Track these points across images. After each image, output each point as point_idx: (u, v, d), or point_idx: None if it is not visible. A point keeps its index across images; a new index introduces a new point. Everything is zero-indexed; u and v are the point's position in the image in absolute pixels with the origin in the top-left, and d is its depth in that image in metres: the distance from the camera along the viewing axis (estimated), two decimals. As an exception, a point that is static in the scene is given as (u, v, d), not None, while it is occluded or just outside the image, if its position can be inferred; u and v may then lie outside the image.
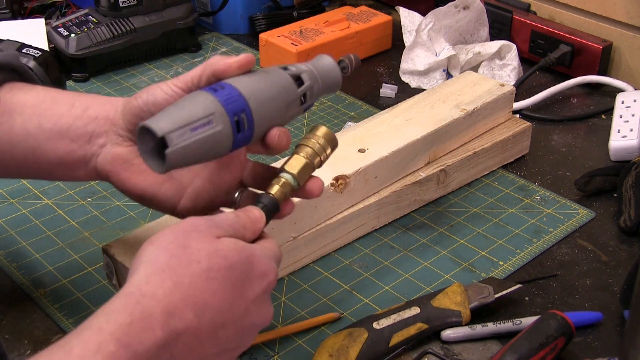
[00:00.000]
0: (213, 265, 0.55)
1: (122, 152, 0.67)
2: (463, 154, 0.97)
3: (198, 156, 0.60)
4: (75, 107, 0.69)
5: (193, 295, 0.54)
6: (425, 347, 0.76)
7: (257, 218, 0.62)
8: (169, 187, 0.67)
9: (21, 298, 0.82)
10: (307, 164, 0.67)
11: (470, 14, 1.23)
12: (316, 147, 0.68)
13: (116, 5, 1.23)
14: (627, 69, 1.21)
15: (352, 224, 0.88)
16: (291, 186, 0.66)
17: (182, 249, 0.55)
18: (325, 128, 0.69)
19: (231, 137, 0.61)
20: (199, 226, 0.57)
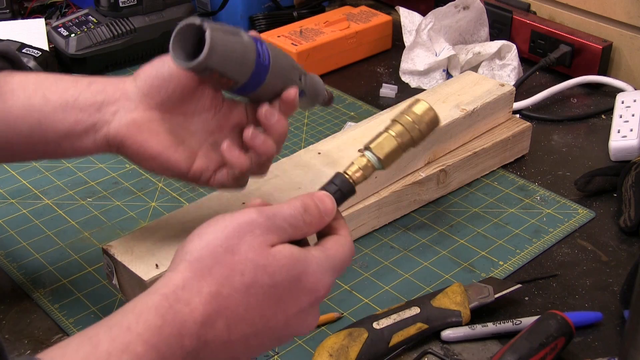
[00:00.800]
0: (257, 281, 0.53)
1: (137, 117, 0.68)
2: (463, 154, 0.97)
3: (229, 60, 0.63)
4: (79, 83, 0.70)
5: (229, 307, 0.53)
6: (425, 347, 0.76)
7: (328, 211, 0.58)
8: (182, 150, 0.69)
9: (21, 298, 0.82)
10: (397, 144, 0.62)
11: (470, 14, 1.23)
12: (408, 124, 0.63)
13: (116, 5, 1.24)
14: (627, 69, 1.21)
15: (352, 224, 0.88)
16: (374, 169, 0.61)
17: (230, 254, 0.53)
18: (422, 101, 0.63)
19: (254, 57, 0.65)
20: (255, 228, 0.54)
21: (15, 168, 1.02)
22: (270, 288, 0.54)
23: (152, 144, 0.68)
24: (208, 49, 0.62)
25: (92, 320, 0.79)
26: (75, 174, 1.01)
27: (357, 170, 0.61)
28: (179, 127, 0.70)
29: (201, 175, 0.71)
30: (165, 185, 0.99)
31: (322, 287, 0.56)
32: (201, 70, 0.64)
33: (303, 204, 0.57)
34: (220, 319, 0.52)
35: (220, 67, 0.64)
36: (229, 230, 0.54)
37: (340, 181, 0.60)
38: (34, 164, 1.02)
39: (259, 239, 0.54)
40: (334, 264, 0.57)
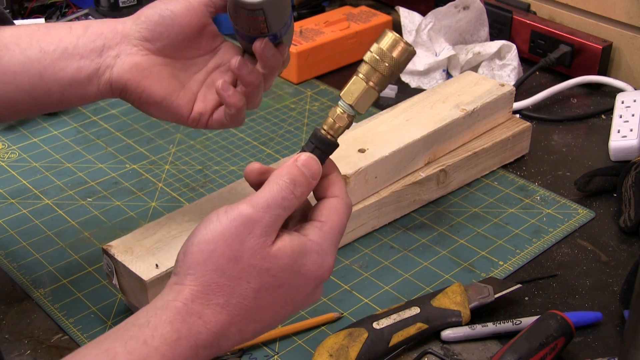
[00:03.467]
0: (263, 284, 0.54)
1: (139, 60, 0.68)
2: (463, 154, 0.97)
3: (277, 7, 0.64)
4: (74, 29, 0.69)
5: (239, 314, 0.54)
6: (425, 347, 0.76)
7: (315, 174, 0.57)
8: (183, 95, 0.69)
9: (21, 298, 0.82)
10: (367, 87, 0.60)
11: (470, 14, 1.23)
12: (374, 62, 0.60)
13: (116, 5, 1.24)
14: (627, 69, 1.21)
15: (352, 224, 0.88)
16: (348, 117, 0.60)
17: (233, 263, 0.53)
18: (390, 32, 0.60)
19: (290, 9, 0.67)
20: (253, 227, 0.53)
21: (15, 168, 1.02)
22: (277, 288, 0.55)
23: (155, 89, 0.68)
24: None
25: (92, 320, 0.79)
26: (75, 174, 1.01)
27: (332, 123, 0.60)
28: (180, 71, 0.70)
29: (200, 118, 0.71)
30: (165, 185, 0.99)
31: (326, 270, 0.57)
32: (255, 10, 0.63)
33: (291, 178, 0.55)
34: (233, 325, 0.54)
35: (269, 12, 0.64)
36: (227, 236, 0.53)
37: (318, 138, 0.59)
38: (34, 164, 1.02)
39: (260, 240, 0.54)
40: (333, 239, 0.57)
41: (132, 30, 0.68)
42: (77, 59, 0.67)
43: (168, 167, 1.02)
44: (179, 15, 0.67)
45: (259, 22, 0.66)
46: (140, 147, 1.06)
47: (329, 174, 0.59)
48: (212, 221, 0.54)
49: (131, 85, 0.68)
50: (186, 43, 0.69)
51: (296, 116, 1.14)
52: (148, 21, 0.68)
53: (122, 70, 0.68)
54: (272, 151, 1.05)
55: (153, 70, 0.68)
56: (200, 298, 0.53)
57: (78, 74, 0.68)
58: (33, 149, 1.06)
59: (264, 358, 0.75)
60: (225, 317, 0.53)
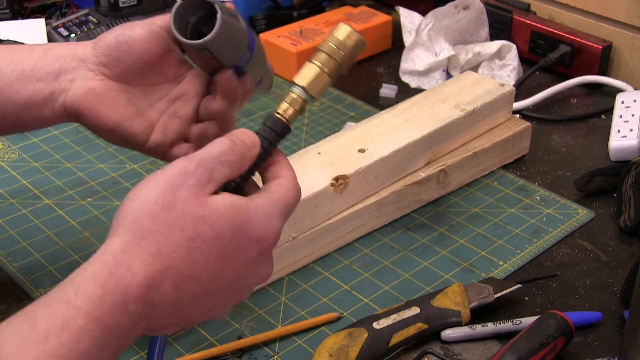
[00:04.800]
0: (198, 234, 0.51)
1: (94, 85, 0.66)
2: (463, 154, 0.97)
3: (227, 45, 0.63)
4: (34, 51, 0.68)
5: (173, 265, 0.51)
6: (425, 347, 0.76)
7: (254, 142, 0.57)
8: (140, 122, 0.67)
9: (21, 298, 0.82)
10: (321, 71, 0.61)
11: (470, 14, 1.23)
12: (331, 50, 0.61)
13: (116, 5, 1.24)
14: (627, 69, 1.21)
15: (352, 224, 0.88)
16: (302, 101, 0.61)
17: (167, 210, 0.51)
18: (344, 25, 0.62)
19: (247, 44, 0.64)
20: (187, 178, 0.52)
21: (15, 168, 1.02)
22: (213, 240, 0.52)
23: (109, 115, 0.66)
24: (216, 33, 0.61)
25: (92, 320, 0.79)
26: (75, 174, 1.01)
27: (286, 107, 0.60)
28: (138, 97, 0.68)
29: (157, 149, 0.69)
30: (165, 185, 0.99)
31: (270, 234, 0.55)
32: (199, 49, 0.63)
33: (230, 138, 0.55)
34: (165, 279, 0.50)
35: (217, 51, 0.63)
36: (162, 186, 0.52)
37: (272, 121, 0.60)
38: (34, 164, 1.02)
39: (193, 189, 0.52)
40: (281, 208, 0.56)
41: (90, 55, 0.67)
42: (33, 82, 0.66)
43: (168, 167, 1.02)
44: (138, 41, 0.65)
45: (210, 60, 0.65)
46: (140, 147, 1.06)
47: (279, 161, 0.59)
48: (147, 178, 0.53)
49: (84, 110, 0.66)
50: (146, 70, 0.67)
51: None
52: (105, 46, 0.66)
53: (75, 95, 0.66)
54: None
55: (108, 95, 0.66)
56: (131, 248, 0.50)
57: (33, 96, 0.66)
58: (33, 149, 1.06)
59: (264, 358, 0.75)
60: (157, 268, 0.50)
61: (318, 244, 0.86)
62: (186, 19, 0.64)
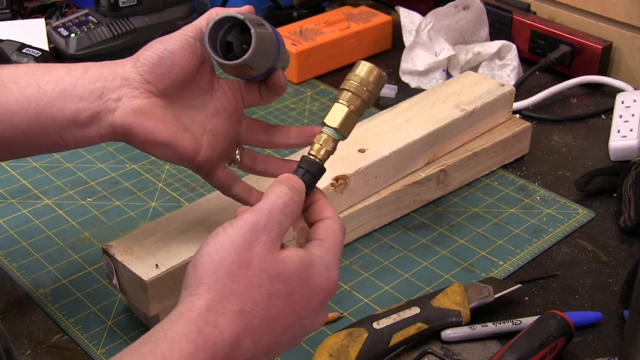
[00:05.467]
0: (274, 291, 0.54)
1: (142, 104, 0.67)
2: (463, 154, 0.97)
3: (261, 55, 0.64)
4: (73, 70, 0.68)
5: (253, 322, 0.54)
6: (425, 347, 0.76)
7: (301, 188, 0.59)
8: (188, 137, 0.68)
9: (21, 298, 0.82)
10: (350, 110, 0.64)
11: (470, 14, 1.23)
12: (355, 88, 0.64)
13: (116, 5, 1.24)
14: (627, 69, 1.21)
15: (352, 224, 0.88)
16: (334, 141, 0.63)
17: (244, 269, 0.54)
18: (364, 62, 0.65)
19: (275, 44, 0.65)
20: (260, 235, 0.55)
21: (15, 168, 1.02)
22: (287, 296, 0.55)
23: (161, 131, 0.67)
24: (254, 49, 0.63)
25: (92, 320, 0.79)
26: (75, 174, 1.01)
27: (319, 147, 0.63)
28: (180, 113, 0.69)
29: (205, 164, 0.70)
30: (165, 185, 0.99)
31: (332, 285, 0.58)
32: (238, 66, 0.64)
33: (287, 186, 0.58)
34: (247, 335, 0.53)
35: (254, 63, 0.65)
36: (236, 244, 0.54)
37: (307, 163, 0.62)
38: (34, 164, 1.02)
39: (267, 245, 0.55)
40: (336, 255, 0.59)
41: (132, 73, 0.67)
42: (75, 101, 0.66)
43: (168, 167, 1.02)
44: (177, 54, 0.67)
45: (247, 71, 0.67)
46: (140, 147, 1.06)
47: (318, 200, 0.62)
48: (218, 233, 0.55)
49: (136, 128, 0.66)
50: (186, 82, 0.68)
51: (296, 116, 1.14)
52: (148, 63, 0.67)
53: (125, 114, 0.66)
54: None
55: (156, 112, 0.67)
56: (215, 307, 0.53)
57: (77, 116, 0.66)
58: (33, 149, 1.06)
59: (264, 358, 0.75)
60: (240, 325, 0.53)
61: (318, 244, 0.86)
62: (215, 36, 0.66)
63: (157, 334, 0.52)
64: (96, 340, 0.77)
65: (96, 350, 0.76)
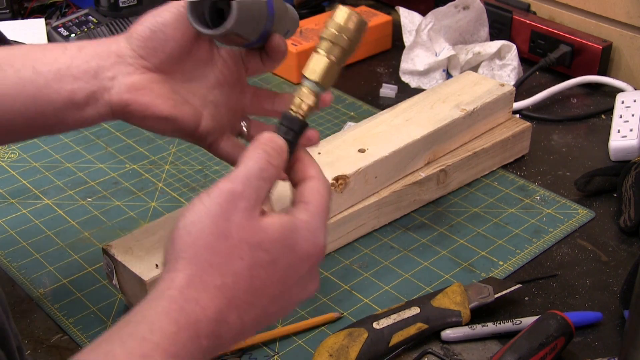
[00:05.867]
0: (256, 261, 0.52)
1: (138, 80, 0.66)
2: (463, 154, 0.97)
3: (248, 22, 0.62)
4: (68, 49, 0.67)
5: (237, 297, 0.51)
6: (425, 347, 0.76)
7: (282, 147, 0.56)
8: (188, 109, 0.67)
9: (21, 298, 0.82)
10: (330, 61, 0.59)
11: (470, 14, 1.23)
12: (334, 37, 0.59)
13: (116, 5, 1.23)
14: (627, 69, 1.21)
15: (352, 224, 0.88)
16: (315, 94, 0.59)
17: (223, 240, 0.51)
18: (342, 7, 0.60)
19: (266, 14, 0.64)
20: (238, 202, 0.52)
21: (15, 168, 1.02)
22: (270, 265, 0.53)
23: (159, 106, 0.66)
24: (236, 16, 0.61)
25: (92, 320, 0.79)
26: (75, 174, 1.01)
27: (300, 102, 0.59)
28: (179, 86, 0.67)
29: (207, 136, 0.69)
30: (165, 185, 0.99)
31: (319, 250, 0.55)
32: (222, 35, 0.63)
33: (264, 149, 0.55)
34: (231, 311, 0.51)
35: (240, 30, 0.63)
36: (213, 214, 0.51)
37: (288, 119, 0.59)
38: (34, 164, 1.02)
39: (245, 213, 0.52)
40: (322, 219, 0.56)
41: (125, 49, 0.66)
42: (70, 81, 0.65)
43: (168, 167, 1.02)
44: (171, 27, 0.65)
45: (237, 39, 0.65)
46: (140, 147, 1.06)
47: (302, 158, 0.59)
48: (194, 204, 0.52)
49: (133, 105, 0.65)
50: (182, 55, 0.67)
51: (296, 116, 1.14)
52: (140, 37, 0.65)
53: (121, 91, 0.65)
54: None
55: (153, 87, 0.66)
56: (195, 282, 0.50)
57: (73, 96, 0.65)
58: (33, 149, 1.06)
59: (264, 358, 0.75)
60: (223, 300, 0.51)
61: (318, 244, 0.86)
62: (202, 5, 0.64)
63: (137, 315, 0.50)
64: (96, 340, 0.77)
65: (96, 350, 0.76)
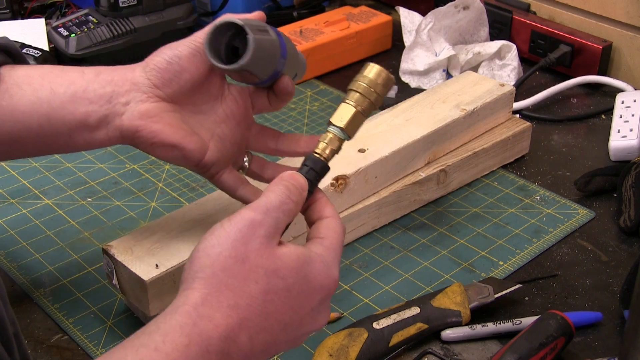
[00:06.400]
0: (271, 287, 0.54)
1: (150, 107, 0.68)
2: (463, 154, 0.97)
3: (261, 60, 0.65)
4: (86, 74, 0.69)
5: (249, 318, 0.53)
6: (425, 347, 0.76)
7: (303, 185, 0.59)
8: (195, 140, 0.69)
9: (21, 298, 0.82)
10: (357, 111, 0.63)
11: (470, 14, 1.23)
12: (363, 89, 0.63)
13: (116, 5, 1.23)
14: (627, 69, 1.21)
15: (352, 224, 0.88)
16: (340, 140, 0.63)
17: (240, 264, 0.53)
18: (373, 64, 0.64)
19: (279, 54, 0.68)
20: (257, 229, 0.54)
21: (15, 168, 1.02)
22: (285, 292, 0.54)
23: (168, 134, 0.68)
24: (252, 54, 0.64)
25: (92, 320, 0.79)
26: (75, 174, 1.01)
27: (324, 146, 0.62)
28: (189, 117, 0.70)
29: (211, 168, 0.71)
30: (165, 185, 0.99)
31: (332, 283, 0.57)
32: (236, 71, 0.66)
33: (285, 185, 0.57)
34: (242, 331, 0.53)
35: (253, 68, 0.65)
36: (233, 238, 0.54)
37: (311, 160, 0.62)
38: (34, 164, 1.02)
39: (264, 240, 0.54)
40: (336, 254, 0.58)
41: (141, 78, 0.69)
42: (86, 104, 0.68)
43: (168, 167, 1.02)
44: (186, 60, 0.68)
45: (249, 77, 0.68)
46: (140, 147, 1.06)
47: (319, 199, 0.61)
48: (216, 228, 0.55)
49: (142, 131, 0.68)
50: (195, 88, 0.69)
51: (296, 116, 1.14)
52: (157, 68, 0.68)
53: (132, 117, 0.68)
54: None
55: (164, 116, 0.68)
56: (210, 301, 0.52)
57: (86, 118, 0.68)
58: (33, 149, 1.06)
59: (264, 358, 0.75)
60: (235, 319, 0.52)
61: (318, 244, 0.86)
62: (218, 41, 0.67)
63: (151, 326, 0.52)
64: (96, 340, 0.77)
65: (96, 350, 0.76)
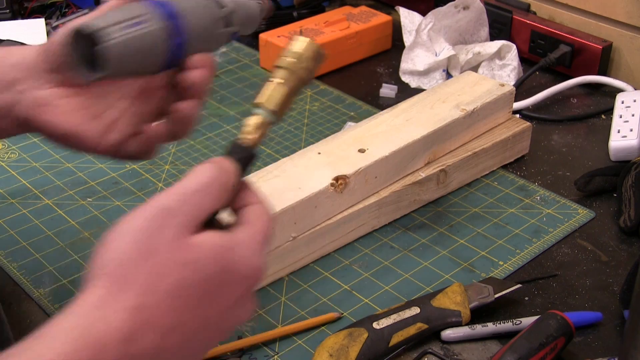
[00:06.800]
0: (185, 281, 0.47)
1: (42, 95, 0.63)
2: (463, 154, 0.97)
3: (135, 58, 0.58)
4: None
5: (158, 317, 0.47)
6: (425, 347, 0.76)
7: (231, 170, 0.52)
8: (95, 125, 0.64)
9: (21, 298, 0.82)
10: (285, 90, 0.57)
11: (470, 14, 1.23)
12: (292, 65, 0.57)
13: (116, 5, 1.23)
14: (627, 69, 1.21)
15: (352, 224, 0.88)
16: (268, 123, 0.56)
17: (147, 258, 0.47)
18: (300, 37, 0.58)
19: (166, 40, 0.60)
20: (168, 217, 0.48)
21: (15, 168, 1.02)
22: (201, 285, 0.48)
23: (59, 124, 0.63)
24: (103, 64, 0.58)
25: (92, 320, 0.79)
26: (75, 174, 1.01)
27: (251, 131, 0.56)
28: (95, 99, 0.64)
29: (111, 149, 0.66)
30: (166, 185, 0.99)
31: (257, 272, 0.51)
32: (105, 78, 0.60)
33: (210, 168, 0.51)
34: (148, 332, 0.46)
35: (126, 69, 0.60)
36: (139, 229, 0.48)
37: (236, 147, 0.55)
38: (34, 164, 1.02)
39: (175, 230, 0.48)
40: (263, 241, 0.52)
41: (37, 62, 0.63)
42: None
43: (168, 167, 1.02)
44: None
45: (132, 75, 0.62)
46: (140, 147, 1.06)
47: (246, 186, 0.55)
48: (125, 217, 0.49)
49: (33, 122, 0.63)
50: None
51: (296, 116, 1.14)
52: (50, 52, 0.63)
53: (25, 107, 0.64)
54: (272, 151, 1.05)
55: (57, 104, 0.63)
56: (109, 300, 0.46)
57: None
58: (33, 149, 1.06)
59: (264, 358, 0.75)
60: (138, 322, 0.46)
61: (318, 244, 0.86)
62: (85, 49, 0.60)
63: (46, 327, 0.46)
64: (96, 340, 0.77)
65: (96, 350, 0.76)
